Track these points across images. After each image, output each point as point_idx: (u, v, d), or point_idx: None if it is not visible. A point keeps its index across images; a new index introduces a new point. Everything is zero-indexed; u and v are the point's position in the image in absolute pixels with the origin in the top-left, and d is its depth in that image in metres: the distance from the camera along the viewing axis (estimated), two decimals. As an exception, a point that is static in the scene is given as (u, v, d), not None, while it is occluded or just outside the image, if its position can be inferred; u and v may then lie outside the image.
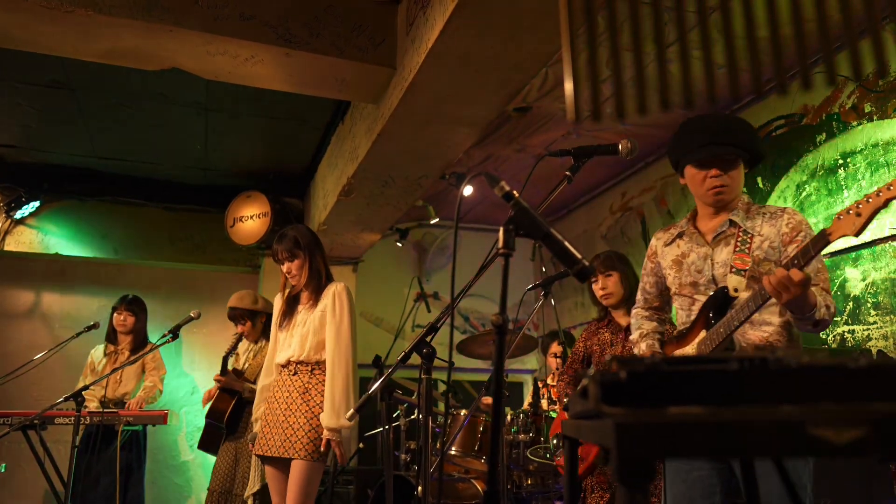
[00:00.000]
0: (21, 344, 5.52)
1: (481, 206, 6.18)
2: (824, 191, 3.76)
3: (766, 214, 2.10)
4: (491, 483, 1.28)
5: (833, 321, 2.01)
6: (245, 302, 4.17)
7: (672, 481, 2.09)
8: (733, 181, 2.11)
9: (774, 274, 1.79)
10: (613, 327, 3.26)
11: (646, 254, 2.37)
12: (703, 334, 2.06)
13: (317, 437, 2.92)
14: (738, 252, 2.05)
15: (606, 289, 3.22)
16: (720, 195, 2.11)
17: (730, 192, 2.12)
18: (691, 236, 2.20)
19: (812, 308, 1.86)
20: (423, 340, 1.88)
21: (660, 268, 2.31)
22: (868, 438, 0.74)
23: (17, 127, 4.82)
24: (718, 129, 2.10)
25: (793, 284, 1.76)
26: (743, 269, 2.01)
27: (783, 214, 2.07)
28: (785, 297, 1.79)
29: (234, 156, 5.38)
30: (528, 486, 3.85)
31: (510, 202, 1.46)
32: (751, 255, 2.03)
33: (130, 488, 4.42)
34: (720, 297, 2.04)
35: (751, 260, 2.03)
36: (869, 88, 3.49)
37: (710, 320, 2.04)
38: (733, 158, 2.09)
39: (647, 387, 0.85)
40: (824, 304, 1.90)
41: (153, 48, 3.26)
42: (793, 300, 1.79)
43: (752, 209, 2.14)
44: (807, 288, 1.79)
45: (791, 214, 2.07)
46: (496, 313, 1.34)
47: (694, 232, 2.20)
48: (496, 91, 3.26)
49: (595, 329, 3.34)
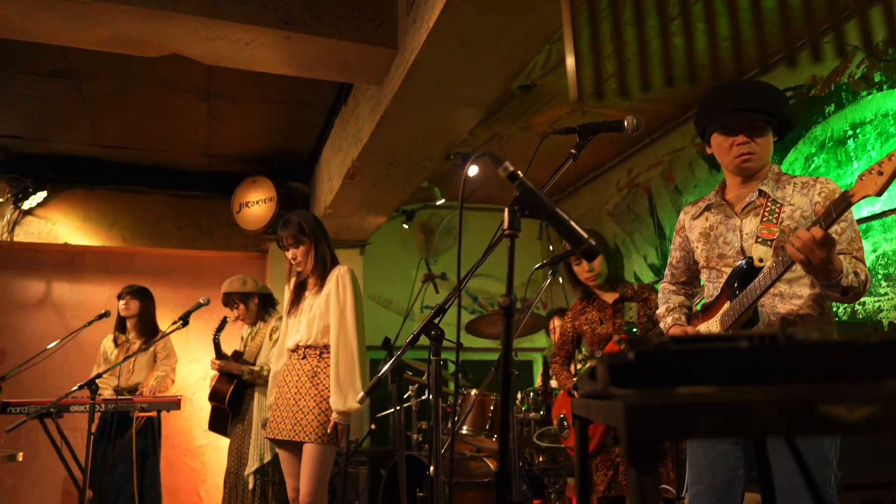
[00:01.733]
0: (34, 334, 5.57)
1: (487, 185, 6.15)
2: (833, 163, 3.72)
3: (798, 184, 2.03)
4: (502, 461, 1.28)
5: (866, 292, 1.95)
6: (235, 285, 4.20)
7: (695, 454, 2.07)
8: (761, 148, 2.04)
9: (797, 236, 1.74)
10: (599, 304, 3.31)
11: (675, 228, 2.33)
12: (728, 306, 2.02)
13: (327, 420, 2.94)
14: (765, 222, 2.00)
15: (594, 269, 3.25)
16: (747, 162, 2.04)
17: (757, 160, 2.05)
18: (719, 208, 2.15)
19: (838, 273, 1.79)
20: (432, 322, 1.88)
21: (688, 242, 2.26)
22: (880, 415, 0.73)
23: (21, 118, 4.82)
24: (746, 94, 2.04)
25: (816, 245, 1.70)
26: (769, 239, 1.96)
27: (815, 184, 2.01)
28: (808, 261, 1.73)
29: (238, 141, 5.37)
30: (539, 464, 3.88)
31: (515, 182, 1.45)
32: (779, 226, 1.98)
33: (147, 473, 4.48)
34: (745, 268, 1.99)
35: (778, 230, 1.97)
36: (879, 57, 3.43)
37: (735, 291, 2.00)
38: (761, 125, 2.03)
39: (655, 367, 0.85)
40: (852, 271, 1.84)
41: (152, 34, 3.24)
42: (817, 265, 1.74)
43: (782, 178, 2.07)
44: (830, 249, 1.72)
45: (824, 183, 2.00)
46: (503, 295, 1.33)
47: (722, 203, 2.14)
48: (499, 69, 3.23)
49: (581, 308, 3.38)
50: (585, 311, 3.35)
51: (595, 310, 3.30)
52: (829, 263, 1.76)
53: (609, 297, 3.28)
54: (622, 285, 3.29)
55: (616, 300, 3.25)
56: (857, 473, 2.65)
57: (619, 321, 3.20)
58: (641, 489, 0.79)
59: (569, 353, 3.43)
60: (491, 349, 5.91)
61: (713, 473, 2.00)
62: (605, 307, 3.27)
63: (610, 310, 3.25)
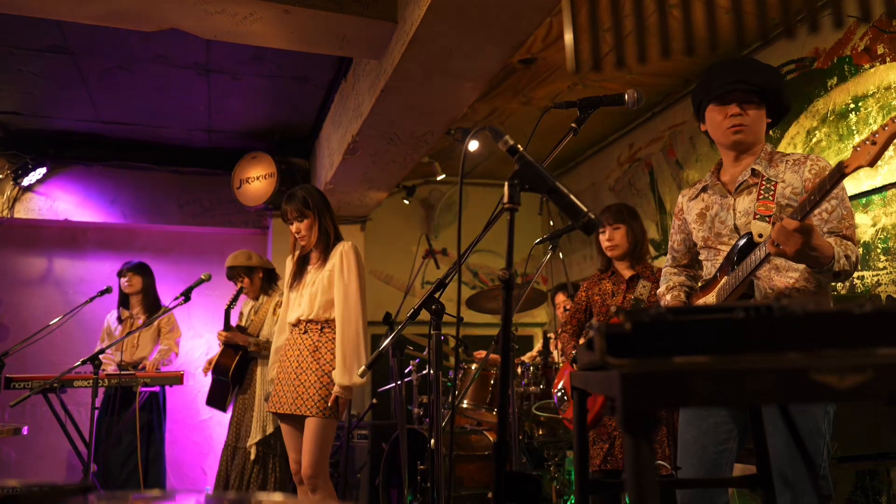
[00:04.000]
0: (36, 310, 5.60)
1: (488, 161, 6.14)
2: (835, 136, 3.70)
3: (790, 161, 2.06)
4: (501, 434, 1.30)
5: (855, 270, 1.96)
6: (239, 259, 4.24)
7: (687, 426, 2.09)
8: (753, 121, 2.07)
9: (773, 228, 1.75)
10: (616, 278, 3.30)
11: (674, 212, 2.36)
12: (724, 280, 2.05)
13: (328, 394, 2.98)
14: (761, 199, 2.02)
15: (613, 240, 3.25)
16: (738, 133, 2.07)
17: (749, 133, 2.08)
18: (714, 188, 2.19)
19: (829, 259, 1.80)
20: (432, 297, 1.90)
21: (686, 224, 2.30)
22: (871, 383, 0.75)
23: (20, 93, 4.79)
24: (743, 69, 2.07)
25: (790, 235, 1.72)
26: (767, 216, 1.98)
27: (806, 161, 2.04)
28: (789, 250, 1.74)
29: (237, 117, 5.35)
30: (539, 437, 3.92)
31: (515, 156, 1.45)
32: (775, 202, 2.00)
33: (151, 447, 4.54)
34: (744, 244, 2.01)
35: (775, 206, 1.99)
36: (882, 29, 3.40)
37: (733, 266, 2.03)
38: (756, 101, 2.06)
39: (652, 337, 0.86)
40: (843, 255, 1.84)
41: (150, 8, 3.21)
42: (795, 253, 1.74)
43: (774, 157, 2.10)
44: (809, 237, 1.73)
45: (815, 161, 2.03)
46: (503, 269, 1.34)
47: (717, 183, 2.18)
48: (500, 42, 3.21)
49: (598, 279, 3.38)
50: (601, 281, 3.35)
51: (610, 282, 3.30)
52: (811, 251, 1.75)
53: (627, 272, 3.27)
54: (643, 264, 3.28)
55: (632, 276, 3.24)
56: (852, 445, 2.68)
57: (629, 296, 3.20)
58: (638, 457, 0.80)
59: (580, 322, 3.42)
60: (491, 324, 5.95)
61: (704, 446, 2.03)
62: (620, 281, 3.27)
63: (624, 284, 3.24)
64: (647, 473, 0.80)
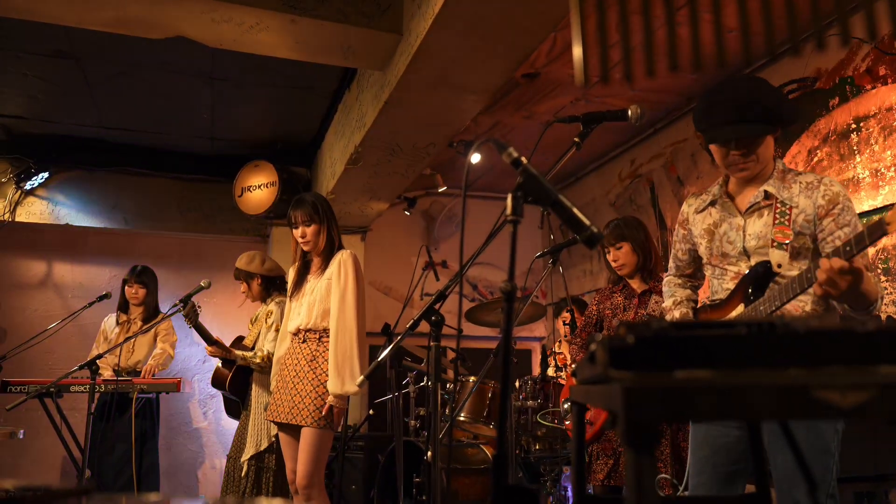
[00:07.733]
0: (35, 314, 5.59)
1: (490, 174, 6.15)
2: (836, 156, 3.71)
3: (803, 184, 2.00)
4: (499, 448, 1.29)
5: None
6: (241, 262, 4.16)
7: (698, 445, 2.05)
8: (760, 157, 2.01)
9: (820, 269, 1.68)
10: (627, 292, 3.25)
11: (677, 220, 2.31)
12: (741, 308, 1.99)
13: (323, 404, 2.96)
14: (777, 225, 1.95)
15: (618, 260, 3.19)
16: (743, 172, 2.03)
17: (755, 168, 2.02)
18: (724, 205, 2.11)
19: (872, 302, 1.76)
20: (432, 308, 1.89)
21: (692, 235, 2.24)
22: (873, 401, 0.75)
23: (24, 98, 4.81)
24: (742, 101, 1.94)
25: (838, 276, 1.66)
26: (784, 243, 1.92)
27: (819, 185, 1.97)
28: (835, 293, 1.69)
29: (241, 125, 5.36)
30: (536, 452, 3.90)
31: (518, 168, 1.45)
32: (792, 228, 1.94)
33: (145, 455, 4.51)
34: (761, 272, 1.95)
35: (792, 233, 1.93)
36: (884, 51, 3.43)
37: (749, 296, 1.97)
38: (758, 135, 1.98)
39: (655, 351, 0.86)
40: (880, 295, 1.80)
41: (157, 16, 3.23)
42: (846, 292, 1.69)
43: (787, 177, 2.02)
44: (857, 279, 1.68)
45: (828, 186, 1.96)
46: (505, 280, 1.34)
47: (727, 201, 2.11)
48: (504, 56, 3.22)
49: (609, 293, 3.34)
50: (612, 295, 3.30)
51: (622, 296, 3.26)
52: (857, 292, 1.72)
53: (639, 287, 3.21)
54: (656, 279, 3.22)
55: (645, 290, 3.20)
56: (850, 466, 2.66)
57: (641, 311, 3.16)
58: (638, 470, 0.80)
59: (590, 336, 3.40)
60: (490, 337, 5.93)
61: (715, 465, 2.00)
62: (632, 295, 3.22)
63: (637, 299, 3.19)
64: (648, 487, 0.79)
